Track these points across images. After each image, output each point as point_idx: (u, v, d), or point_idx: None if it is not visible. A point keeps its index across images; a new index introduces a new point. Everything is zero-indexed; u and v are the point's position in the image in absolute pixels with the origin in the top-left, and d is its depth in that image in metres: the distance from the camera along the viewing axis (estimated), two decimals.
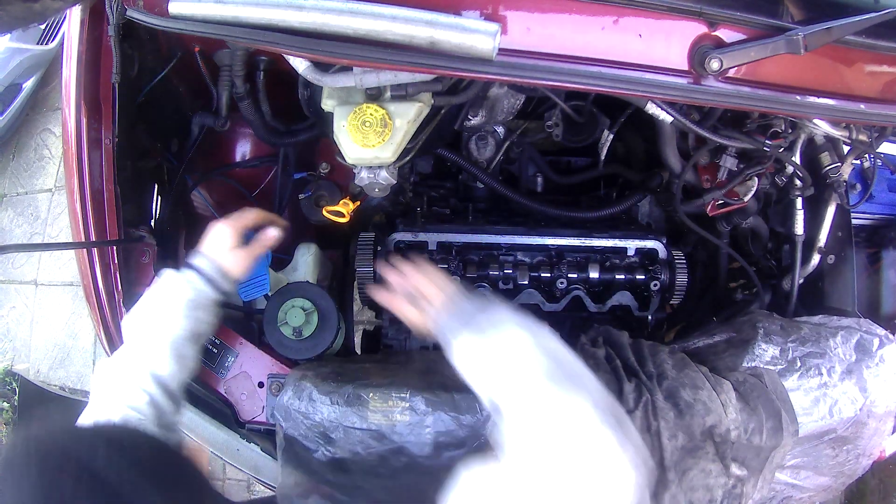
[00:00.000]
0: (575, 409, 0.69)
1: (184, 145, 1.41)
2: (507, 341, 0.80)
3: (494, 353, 0.80)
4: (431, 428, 0.97)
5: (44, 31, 3.40)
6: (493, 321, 0.84)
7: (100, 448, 0.58)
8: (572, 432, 0.68)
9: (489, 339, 0.82)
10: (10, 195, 3.54)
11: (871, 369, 1.13)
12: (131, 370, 0.95)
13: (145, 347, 0.97)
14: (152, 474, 0.59)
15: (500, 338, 0.81)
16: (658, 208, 1.53)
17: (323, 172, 1.40)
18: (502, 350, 0.80)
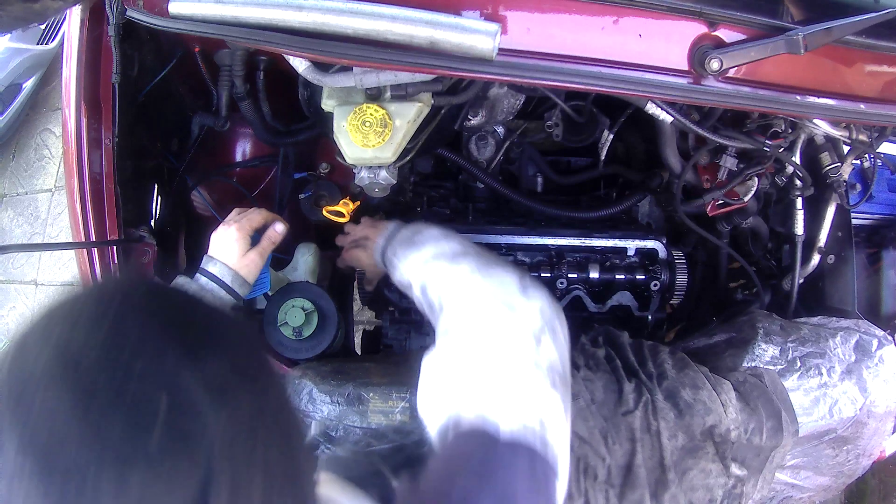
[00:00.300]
0: (497, 285, 0.84)
1: (184, 145, 1.41)
2: (436, 250, 0.95)
3: (428, 260, 0.95)
4: None
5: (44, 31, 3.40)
6: (425, 238, 1.00)
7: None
8: (496, 300, 0.81)
9: (423, 251, 0.97)
10: (10, 195, 3.54)
11: (871, 369, 1.13)
12: None
13: None
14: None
15: (430, 248, 0.96)
16: (658, 208, 1.53)
17: (323, 172, 1.40)
18: (433, 257, 0.95)
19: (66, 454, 0.39)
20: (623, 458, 1.00)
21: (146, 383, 0.42)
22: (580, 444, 0.98)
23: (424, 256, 0.96)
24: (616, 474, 0.99)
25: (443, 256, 0.93)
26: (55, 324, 0.45)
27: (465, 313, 0.82)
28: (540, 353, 0.76)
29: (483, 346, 0.77)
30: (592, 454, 0.98)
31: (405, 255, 1.00)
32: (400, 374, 1.05)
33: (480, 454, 0.68)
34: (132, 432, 0.40)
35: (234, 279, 1.07)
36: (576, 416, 0.99)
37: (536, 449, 0.69)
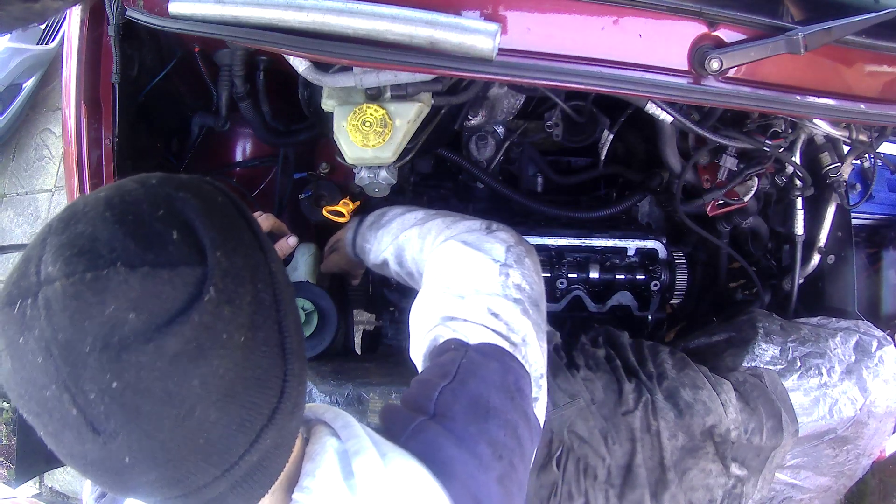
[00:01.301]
0: (464, 230, 0.91)
1: (184, 145, 1.41)
2: (403, 222, 1.02)
3: (396, 234, 1.01)
4: None
5: (44, 31, 3.40)
6: (389, 216, 1.06)
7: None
8: (464, 244, 0.87)
9: (390, 228, 1.04)
10: (10, 195, 3.54)
11: (871, 370, 1.13)
12: None
13: None
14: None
15: (396, 223, 1.03)
16: (658, 208, 1.53)
17: (323, 172, 1.40)
18: (401, 228, 1.01)
19: (95, 250, 0.44)
20: (623, 457, 1.00)
21: (169, 214, 0.48)
22: (580, 444, 0.98)
23: (393, 231, 1.02)
24: (616, 474, 0.99)
25: (410, 225, 1.00)
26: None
27: (438, 261, 0.89)
28: (508, 283, 0.82)
29: (454, 283, 0.83)
30: (592, 454, 0.98)
31: (375, 237, 1.06)
32: (400, 374, 1.05)
33: (452, 362, 0.72)
34: (148, 240, 0.46)
35: None
36: (576, 416, 0.99)
37: (505, 349, 0.75)
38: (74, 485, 2.79)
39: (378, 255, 1.05)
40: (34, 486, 2.85)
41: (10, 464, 2.68)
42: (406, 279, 1.02)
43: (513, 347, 0.76)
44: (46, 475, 2.84)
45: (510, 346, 0.75)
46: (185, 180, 0.53)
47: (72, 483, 2.80)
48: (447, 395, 0.68)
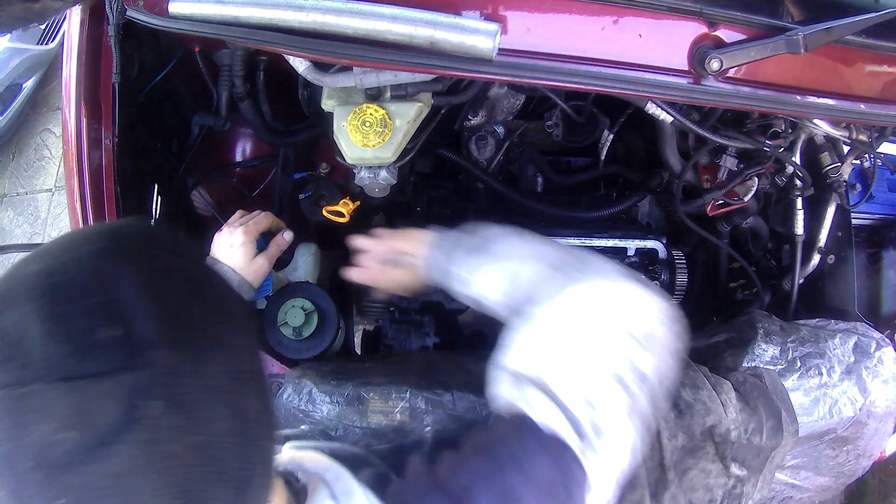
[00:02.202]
0: (593, 284, 0.73)
1: (184, 145, 1.41)
2: (506, 251, 0.84)
3: (498, 265, 0.82)
4: (431, 427, 0.97)
5: (44, 31, 3.40)
6: (486, 238, 0.87)
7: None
8: (597, 297, 0.71)
9: (490, 255, 0.84)
10: (10, 195, 3.54)
11: (870, 370, 1.13)
12: None
13: None
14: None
15: (499, 250, 0.84)
16: (658, 208, 1.53)
17: (323, 172, 1.40)
18: (506, 260, 0.82)
19: (24, 357, 0.41)
20: None
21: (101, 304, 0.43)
22: None
23: (509, 266, 0.82)
24: None
25: (530, 259, 0.81)
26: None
27: (564, 306, 0.72)
28: (634, 366, 0.67)
29: (569, 341, 0.69)
30: None
31: (479, 267, 0.84)
32: (400, 374, 1.05)
33: (501, 443, 0.63)
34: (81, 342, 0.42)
35: (239, 284, 1.05)
36: None
37: (570, 447, 0.62)
38: None
39: (479, 290, 0.84)
40: None
41: None
42: (505, 315, 0.82)
43: (582, 445, 0.63)
44: None
45: (579, 445, 0.63)
46: (132, 242, 0.48)
47: None
48: (477, 481, 0.60)
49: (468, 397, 0.99)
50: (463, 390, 1.00)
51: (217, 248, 1.08)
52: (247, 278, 1.07)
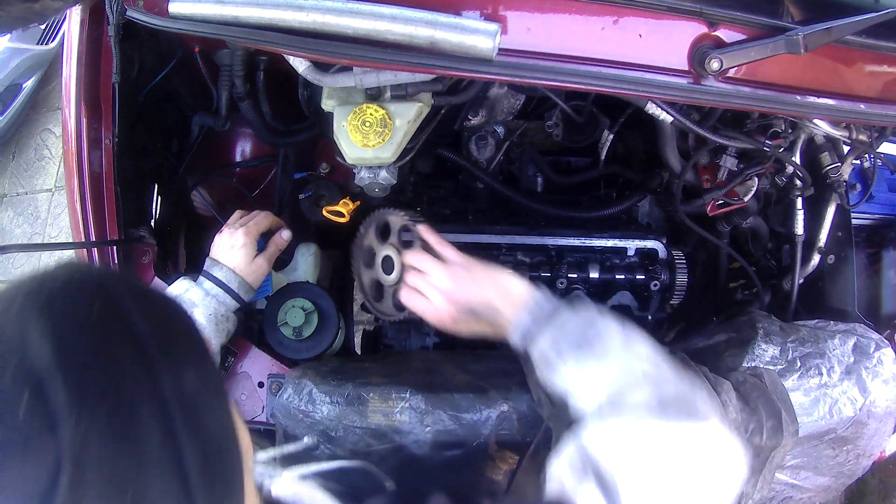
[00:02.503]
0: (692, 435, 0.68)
1: (184, 145, 1.41)
2: (616, 359, 0.75)
3: (604, 372, 0.75)
4: (431, 427, 0.97)
5: (44, 31, 3.40)
6: (590, 327, 0.79)
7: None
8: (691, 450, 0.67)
9: (596, 356, 0.76)
10: (10, 195, 3.54)
11: (870, 370, 1.13)
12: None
13: None
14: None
15: (606, 352, 0.76)
16: (658, 208, 1.53)
17: (323, 172, 1.40)
18: (614, 371, 0.74)
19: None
20: None
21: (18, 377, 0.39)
22: None
23: (612, 373, 0.74)
24: None
25: (641, 383, 0.73)
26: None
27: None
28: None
29: (662, 458, 0.65)
30: None
31: (581, 365, 0.77)
32: (400, 374, 1.05)
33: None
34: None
35: (240, 285, 1.06)
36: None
37: None
38: None
39: (572, 386, 0.77)
40: None
41: None
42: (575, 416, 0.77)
43: None
44: None
45: None
46: (56, 290, 0.43)
47: None
48: None
49: (468, 397, 0.99)
50: (463, 390, 1.00)
51: (217, 250, 1.08)
52: (247, 279, 1.07)
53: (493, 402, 0.99)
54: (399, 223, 1.08)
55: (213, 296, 1.03)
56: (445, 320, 0.91)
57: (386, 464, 0.98)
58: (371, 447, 0.98)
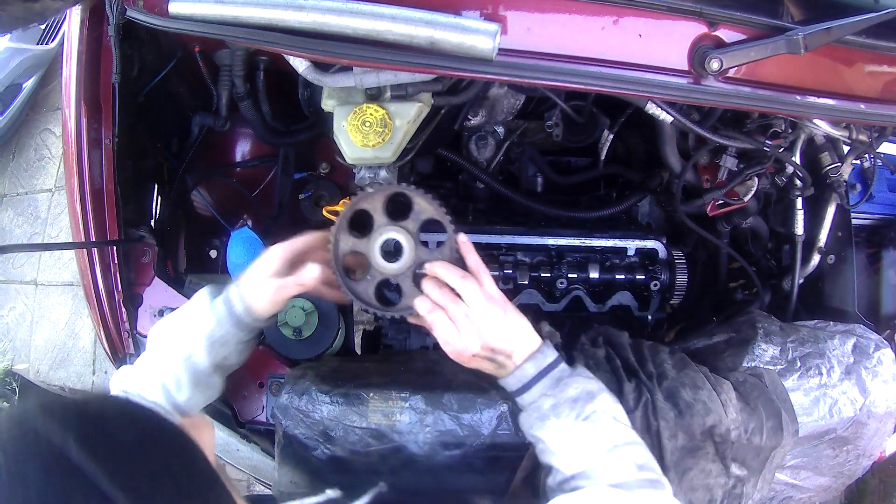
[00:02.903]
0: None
1: (184, 145, 1.41)
2: (602, 432, 0.81)
3: (586, 435, 0.81)
4: (431, 427, 0.97)
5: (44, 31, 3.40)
6: (597, 412, 0.83)
7: (74, 424, 0.47)
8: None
9: (585, 418, 0.82)
10: (10, 195, 3.54)
11: (870, 370, 1.13)
12: (148, 386, 0.89)
13: (165, 370, 0.89)
14: (139, 452, 0.50)
15: (597, 428, 0.82)
16: (658, 208, 1.53)
17: (323, 172, 1.41)
18: (597, 439, 0.81)
19: None
20: None
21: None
22: None
23: (594, 444, 0.81)
24: None
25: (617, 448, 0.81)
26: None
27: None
28: None
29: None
30: None
31: (567, 423, 0.82)
32: (400, 374, 1.05)
33: None
34: None
35: (245, 310, 0.91)
36: None
37: None
38: None
39: (551, 438, 0.83)
40: None
41: None
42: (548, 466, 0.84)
43: None
44: None
45: None
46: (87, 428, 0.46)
47: None
48: None
49: (468, 397, 0.99)
50: (463, 390, 1.00)
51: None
52: (252, 303, 0.91)
53: (493, 402, 0.99)
54: (430, 212, 0.91)
55: (215, 316, 0.91)
56: (465, 357, 0.87)
57: (386, 464, 0.98)
58: (371, 447, 0.98)
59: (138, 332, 1.19)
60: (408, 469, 0.97)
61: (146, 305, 1.19)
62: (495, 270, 1.30)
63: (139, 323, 1.19)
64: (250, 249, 1.33)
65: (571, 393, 0.84)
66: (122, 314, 1.17)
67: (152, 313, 1.19)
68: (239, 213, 1.46)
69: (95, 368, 3.00)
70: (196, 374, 0.91)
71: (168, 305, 1.18)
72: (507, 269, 1.30)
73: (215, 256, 1.48)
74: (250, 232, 1.34)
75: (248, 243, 1.33)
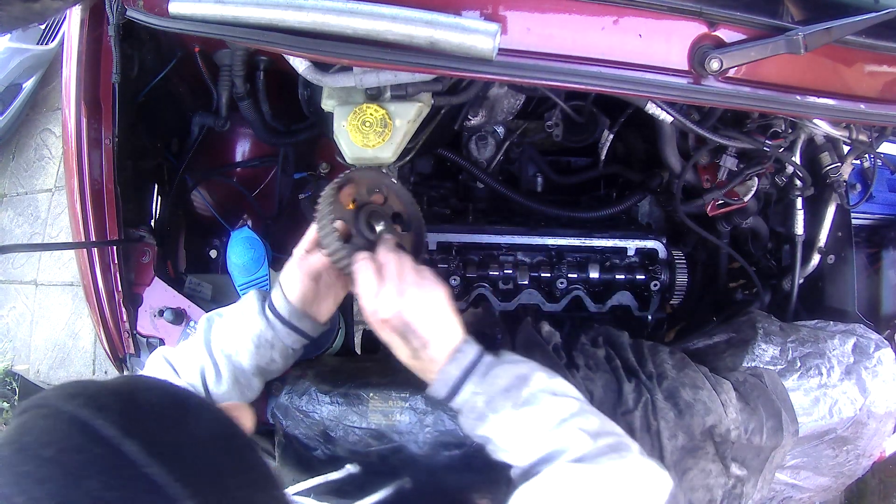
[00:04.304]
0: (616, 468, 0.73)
1: (184, 145, 1.41)
2: (544, 412, 0.76)
3: (529, 416, 0.77)
4: (431, 427, 0.97)
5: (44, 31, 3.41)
6: (519, 376, 0.79)
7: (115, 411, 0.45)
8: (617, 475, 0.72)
9: (527, 412, 0.76)
10: (10, 195, 3.54)
11: (870, 370, 1.13)
12: (187, 368, 0.91)
13: (207, 360, 0.91)
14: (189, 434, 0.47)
15: (538, 410, 0.77)
16: (658, 208, 1.53)
17: (323, 172, 1.40)
18: (541, 421, 0.76)
19: None
20: None
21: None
22: None
23: (539, 427, 0.76)
24: None
25: (567, 419, 0.76)
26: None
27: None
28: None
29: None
30: None
31: (506, 415, 0.77)
32: (400, 375, 1.05)
33: None
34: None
35: (290, 312, 0.92)
36: None
37: None
38: None
39: (496, 437, 0.78)
40: None
41: None
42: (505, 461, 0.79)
43: None
44: None
45: None
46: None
47: None
48: None
49: None
50: None
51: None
52: (284, 290, 0.93)
53: None
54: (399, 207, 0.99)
55: (263, 318, 0.92)
56: (376, 319, 0.84)
57: (386, 464, 0.98)
58: (371, 447, 0.98)
59: (138, 332, 1.18)
60: (408, 469, 0.97)
61: (146, 305, 1.19)
62: (495, 270, 1.30)
63: (139, 323, 1.19)
64: (250, 249, 1.33)
65: (502, 383, 0.78)
66: (122, 314, 1.17)
67: (152, 313, 1.19)
68: (239, 213, 1.46)
69: (95, 368, 3.00)
70: (238, 373, 0.92)
71: (168, 305, 1.18)
72: (507, 269, 1.30)
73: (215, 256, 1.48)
74: (250, 232, 1.33)
75: (248, 243, 1.33)
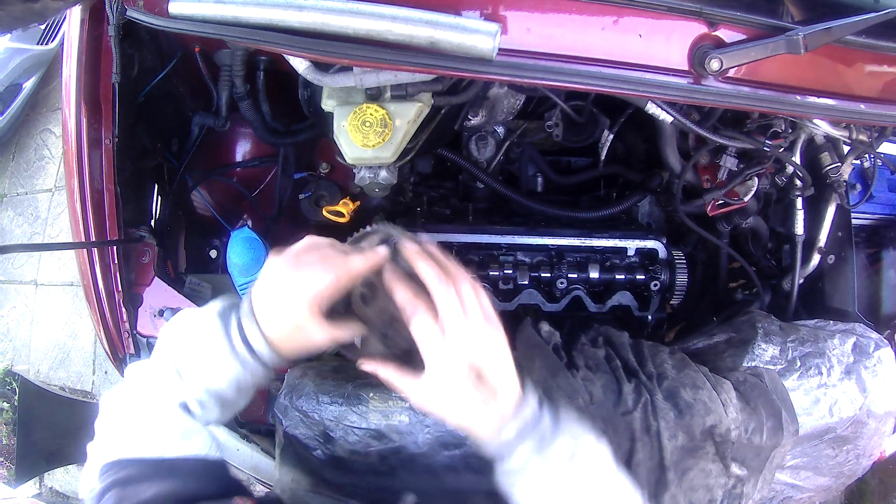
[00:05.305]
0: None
1: (184, 145, 1.41)
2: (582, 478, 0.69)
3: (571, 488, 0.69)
4: (431, 428, 0.97)
5: (44, 31, 3.40)
6: (578, 466, 0.70)
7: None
8: None
9: (569, 476, 0.69)
10: (10, 195, 3.54)
11: (870, 370, 1.13)
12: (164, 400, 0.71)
13: (185, 393, 0.71)
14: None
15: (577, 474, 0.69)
16: (658, 208, 1.53)
17: (323, 172, 1.41)
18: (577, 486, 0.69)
19: None
20: (622, 458, 0.99)
21: None
22: None
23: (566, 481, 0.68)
24: None
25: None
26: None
27: None
28: None
29: None
30: None
31: (554, 475, 0.69)
32: None
33: None
34: None
35: (269, 354, 0.72)
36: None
37: None
38: (74, 485, 2.79)
39: (522, 490, 0.71)
40: (34, 485, 2.85)
41: (10, 464, 2.68)
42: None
43: None
44: (46, 475, 2.84)
45: None
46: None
47: (72, 483, 2.80)
48: None
49: None
50: None
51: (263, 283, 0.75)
52: (280, 345, 0.72)
53: None
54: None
55: (239, 360, 0.72)
56: (446, 377, 0.68)
57: (386, 464, 0.98)
58: (371, 447, 0.98)
59: (138, 332, 1.19)
60: (408, 469, 0.97)
61: (146, 305, 1.19)
62: (495, 270, 1.30)
63: (139, 323, 1.19)
64: (250, 249, 1.33)
65: (562, 454, 0.69)
66: (122, 314, 1.17)
67: (152, 313, 1.19)
68: (239, 213, 1.46)
69: (95, 368, 3.00)
70: (221, 400, 0.74)
71: (168, 305, 1.18)
72: (507, 269, 1.30)
73: (215, 256, 1.48)
74: (250, 232, 1.34)
75: (248, 243, 1.33)
